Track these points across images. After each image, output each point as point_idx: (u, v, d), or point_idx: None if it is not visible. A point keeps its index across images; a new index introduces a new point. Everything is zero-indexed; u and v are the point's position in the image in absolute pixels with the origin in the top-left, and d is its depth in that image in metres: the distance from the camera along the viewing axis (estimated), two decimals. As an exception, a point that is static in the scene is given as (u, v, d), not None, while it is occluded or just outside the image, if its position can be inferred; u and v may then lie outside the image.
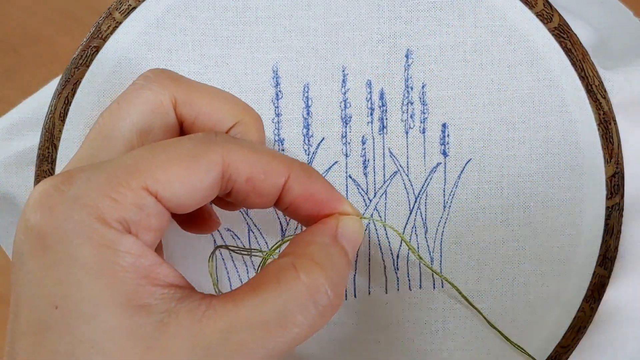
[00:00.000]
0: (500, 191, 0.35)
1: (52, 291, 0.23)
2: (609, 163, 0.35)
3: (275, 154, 0.27)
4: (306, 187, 0.27)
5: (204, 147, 0.25)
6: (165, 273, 0.24)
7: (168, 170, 0.24)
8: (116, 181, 0.24)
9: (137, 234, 0.24)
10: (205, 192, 0.25)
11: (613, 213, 0.35)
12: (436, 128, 0.36)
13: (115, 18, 0.36)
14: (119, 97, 0.29)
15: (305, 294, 0.25)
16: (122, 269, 0.23)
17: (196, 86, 0.30)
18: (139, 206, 0.24)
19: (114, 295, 0.23)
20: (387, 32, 0.36)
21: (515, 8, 0.35)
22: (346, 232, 0.28)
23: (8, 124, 0.40)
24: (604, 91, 0.35)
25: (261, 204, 0.28)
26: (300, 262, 0.25)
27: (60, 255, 0.23)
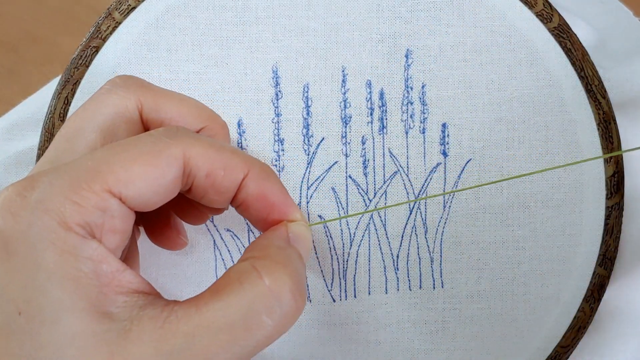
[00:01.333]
0: (500, 191, 0.35)
1: (15, 296, 0.23)
2: (609, 163, 0.35)
3: (235, 151, 0.27)
4: (261, 188, 0.28)
5: (165, 143, 0.25)
6: (128, 279, 0.24)
7: (129, 169, 0.24)
8: (78, 184, 0.24)
9: (101, 237, 0.24)
10: (167, 187, 0.25)
11: (613, 213, 0.35)
12: (436, 128, 0.36)
13: (115, 18, 0.36)
14: (86, 102, 0.29)
15: (269, 294, 0.25)
16: (84, 275, 0.23)
17: (163, 92, 0.30)
18: (102, 209, 0.24)
19: (77, 301, 0.23)
20: (387, 32, 0.36)
21: (515, 8, 0.35)
22: (296, 236, 0.28)
23: (8, 124, 0.40)
24: (603, 91, 0.35)
25: (219, 202, 0.28)
26: (261, 264, 0.25)
27: (24, 260, 0.23)
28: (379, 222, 0.36)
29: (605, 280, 0.36)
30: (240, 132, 0.36)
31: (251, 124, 0.36)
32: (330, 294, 0.36)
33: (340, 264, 0.36)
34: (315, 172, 0.36)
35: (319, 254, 0.36)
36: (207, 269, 0.36)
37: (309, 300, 0.36)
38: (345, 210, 0.36)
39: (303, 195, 0.36)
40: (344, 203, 0.36)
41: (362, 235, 0.36)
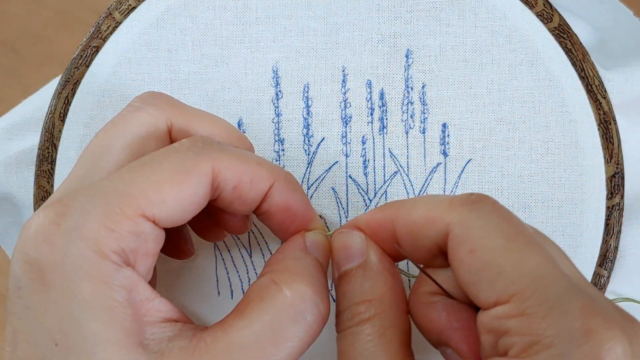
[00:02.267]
0: (501, 191, 0.35)
1: (52, 327, 0.23)
2: (609, 163, 0.35)
3: (262, 162, 0.27)
4: (286, 198, 0.27)
5: (194, 159, 0.25)
6: (157, 308, 0.24)
7: (161, 190, 0.24)
8: (112, 210, 0.23)
9: (135, 263, 0.24)
10: (198, 203, 0.25)
11: (613, 213, 0.35)
12: (436, 128, 0.36)
13: (115, 18, 0.36)
14: (115, 117, 0.29)
15: (292, 306, 0.25)
16: (118, 305, 0.23)
17: (193, 112, 0.29)
18: (137, 234, 0.24)
19: (111, 333, 0.23)
20: (387, 32, 0.36)
21: (515, 8, 0.35)
22: (314, 244, 0.28)
23: (8, 124, 0.40)
24: (604, 91, 0.35)
25: (243, 211, 0.28)
26: (279, 277, 0.25)
27: (60, 291, 0.23)
28: (379, 222, 0.36)
29: (605, 280, 0.36)
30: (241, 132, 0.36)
31: (251, 124, 0.36)
32: (331, 294, 0.36)
33: (340, 264, 0.36)
34: (315, 172, 0.36)
35: (319, 254, 0.36)
36: (207, 269, 0.36)
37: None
38: (345, 210, 0.36)
39: (303, 195, 0.36)
40: (344, 203, 0.36)
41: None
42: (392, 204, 0.27)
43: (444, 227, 0.25)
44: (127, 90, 0.36)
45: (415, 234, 0.26)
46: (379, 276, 0.27)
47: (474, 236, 0.24)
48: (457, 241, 0.24)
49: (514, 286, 0.22)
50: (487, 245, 0.23)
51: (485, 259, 0.23)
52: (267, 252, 0.36)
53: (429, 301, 0.26)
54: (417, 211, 0.26)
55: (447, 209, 0.25)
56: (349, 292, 0.27)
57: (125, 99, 0.36)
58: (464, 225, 0.24)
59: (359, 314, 0.26)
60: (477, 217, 0.24)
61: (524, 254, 0.23)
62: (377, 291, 0.26)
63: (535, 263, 0.23)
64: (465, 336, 0.25)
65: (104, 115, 0.36)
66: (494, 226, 0.24)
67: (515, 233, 0.24)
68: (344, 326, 0.26)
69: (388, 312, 0.26)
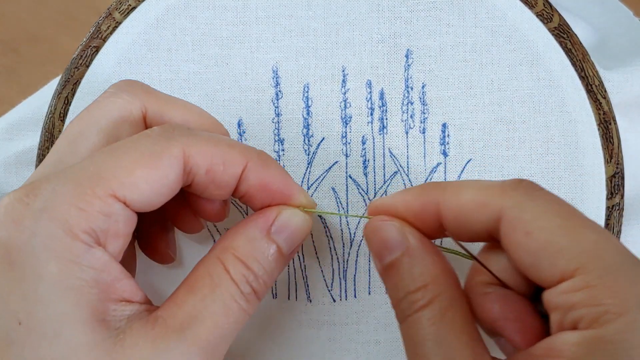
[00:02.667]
0: (501, 191, 0.35)
1: (16, 307, 0.23)
2: (609, 163, 0.35)
3: (233, 144, 0.27)
4: (262, 177, 0.28)
5: (165, 143, 0.25)
6: (124, 288, 0.25)
7: (133, 173, 0.24)
8: (82, 190, 0.24)
9: (106, 243, 0.24)
10: (169, 187, 0.26)
11: (613, 213, 0.35)
12: (436, 128, 0.36)
13: (115, 18, 0.36)
14: (90, 104, 0.29)
15: (234, 286, 0.26)
16: (85, 285, 0.23)
17: (167, 98, 0.30)
18: (107, 214, 0.24)
19: (78, 312, 0.23)
20: (387, 32, 0.36)
21: (515, 8, 0.35)
22: (283, 226, 0.28)
23: (8, 124, 0.40)
24: (604, 91, 0.35)
25: (219, 195, 0.28)
26: (224, 257, 0.26)
27: (27, 270, 0.23)
28: (379, 222, 0.36)
29: (605, 280, 0.36)
30: (240, 132, 0.36)
31: (251, 123, 0.36)
32: (331, 294, 0.36)
33: (340, 264, 0.36)
34: (315, 172, 0.36)
35: (319, 255, 0.36)
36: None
37: (309, 300, 0.36)
38: (345, 210, 0.36)
39: (303, 195, 0.36)
40: (344, 203, 0.36)
41: (363, 236, 0.36)
42: (434, 185, 0.27)
43: (496, 212, 0.25)
44: (127, 90, 0.36)
45: (464, 217, 0.26)
46: (426, 260, 0.27)
47: (529, 219, 0.24)
48: (512, 225, 0.25)
49: (576, 261, 0.23)
50: (544, 227, 0.24)
51: (544, 239, 0.24)
52: (267, 252, 0.36)
53: (484, 292, 0.27)
54: (466, 195, 0.26)
55: (499, 193, 0.25)
56: (399, 282, 0.26)
57: (125, 99, 0.36)
58: (518, 208, 0.25)
59: (416, 302, 0.26)
60: (530, 200, 0.25)
61: (580, 230, 0.24)
62: (429, 275, 0.26)
63: (593, 238, 0.23)
64: (518, 327, 0.26)
65: (104, 115, 0.36)
66: (547, 208, 0.24)
67: (568, 213, 0.24)
68: (404, 315, 0.26)
69: (444, 293, 0.26)
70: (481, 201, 0.25)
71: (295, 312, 0.36)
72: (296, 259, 0.36)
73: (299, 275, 0.36)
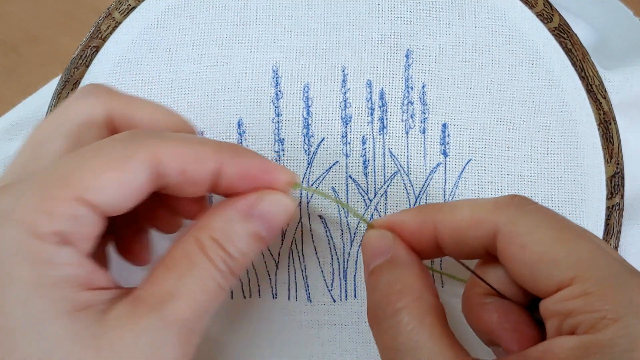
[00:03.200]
0: (501, 191, 0.35)
1: None
2: (609, 163, 0.35)
3: (203, 141, 0.27)
4: (239, 167, 0.27)
5: (132, 147, 0.25)
6: (100, 279, 0.25)
7: (99, 177, 0.24)
8: (48, 194, 0.24)
9: (74, 244, 0.24)
10: (139, 191, 0.25)
11: (613, 213, 0.35)
12: (436, 128, 0.36)
13: (115, 18, 0.36)
14: (56, 109, 0.29)
15: (210, 264, 0.26)
16: (62, 281, 0.23)
17: (133, 99, 0.30)
18: (74, 217, 0.24)
19: (56, 306, 0.23)
20: (387, 32, 0.36)
21: (515, 8, 0.35)
22: (264, 211, 0.28)
23: (8, 124, 0.40)
24: (604, 91, 0.35)
25: (197, 192, 0.28)
26: (201, 236, 0.26)
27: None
28: (379, 222, 0.36)
29: (605, 280, 0.36)
30: (240, 132, 0.36)
31: (251, 123, 0.36)
32: (331, 294, 0.36)
33: (340, 264, 0.36)
34: (315, 172, 0.36)
35: (319, 254, 0.36)
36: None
37: (309, 300, 0.36)
38: (345, 210, 0.36)
39: (303, 195, 0.36)
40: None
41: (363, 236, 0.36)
42: (430, 207, 0.28)
43: (491, 228, 0.26)
44: (127, 90, 0.36)
45: (460, 235, 0.27)
46: (408, 269, 0.27)
47: (524, 233, 0.25)
48: (507, 239, 0.25)
49: (572, 270, 0.24)
50: (538, 239, 0.25)
51: (539, 251, 0.24)
52: (267, 252, 0.36)
53: (481, 302, 0.27)
54: (461, 214, 0.27)
55: (493, 210, 0.26)
56: (379, 284, 0.27)
57: (125, 99, 0.36)
58: (512, 223, 0.25)
59: (392, 304, 0.26)
60: (524, 214, 0.26)
61: (575, 240, 0.24)
62: (408, 279, 0.27)
63: (588, 247, 0.24)
64: (516, 336, 0.26)
65: (104, 115, 0.36)
66: (541, 221, 0.25)
67: (562, 225, 0.25)
68: (379, 319, 0.26)
69: (423, 299, 0.26)
70: (476, 219, 0.26)
71: (295, 312, 0.36)
72: (296, 259, 0.36)
73: (299, 275, 0.36)
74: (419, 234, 0.28)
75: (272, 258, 0.36)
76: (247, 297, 0.36)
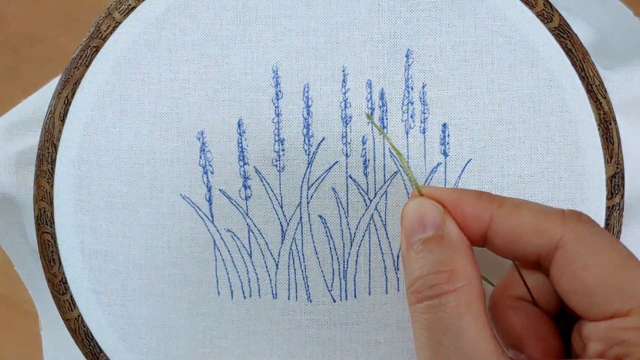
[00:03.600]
0: (501, 191, 0.35)
1: None
2: (610, 163, 0.35)
3: None
4: None
5: None
6: None
7: None
8: None
9: None
10: None
11: (613, 213, 0.35)
12: (436, 128, 0.36)
13: (115, 18, 0.36)
14: None
15: None
16: None
17: None
18: None
19: None
20: (387, 32, 0.36)
21: (515, 8, 0.35)
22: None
23: (8, 124, 0.40)
24: (604, 91, 0.35)
25: None
26: None
27: None
28: (379, 223, 0.36)
29: (605, 280, 0.36)
30: (241, 132, 0.36)
31: (251, 124, 0.36)
32: (331, 294, 0.36)
33: (340, 264, 0.36)
34: (315, 172, 0.36)
35: (319, 254, 0.36)
36: (206, 269, 0.36)
37: (309, 300, 0.36)
38: (345, 210, 0.36)
39: (303, 195, 0.36)
40: (344, 203, 0.36)
41: (363, 236, 0.36)
42: (491, 197, 0.27)
43: (554, 240, 0.25)
44: (127, 90, 0.36)
45: (516, 237, 0.26)
46: (459, 248, 0.26)
47: (589, 253, 0.25)
48: (570, 256, 0.25)
49: (632, 302, 0.24)
50: (603, 263, 0.24)
51: (602, 275, 0.24)
52: (267, 252, 0.36)
53: (513, 305, 0.27)
54: (524, 216, 0.26)
55: (560, 222, 0.26)
56: (427, 260, 0.26)
57: (125, 99, 0.36)
58: (579, 242, 0.25)
59: (441, 284, 0.25)
60: (591, 235, 0.25)
61: (638, 273, 0.24)
62: (460, 262, 0.26)
63: None
64: (541, 345, 0.26)
65: (104, 115, 0.36)
66: (607, 246, 0.25)
67: (626, 254, 0.25)
68: (422, 296, 0.26)
69: (472, 284, 0.25)
70: (540, 226, 0.26)
71: (295, 312, 0.36)
72: (296, 259, 0.36)
73: (299, 275, 0.36)
74: (470, 220, 0.27)
75: (272, 258, 0.36)
76: (247, 297, 0.36)
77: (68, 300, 0.36)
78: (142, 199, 0.36)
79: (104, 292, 0.36)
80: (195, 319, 0.36)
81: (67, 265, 0.36)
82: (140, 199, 0.36)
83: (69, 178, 0.36)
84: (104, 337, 0.36)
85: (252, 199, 0.36)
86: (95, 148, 0.36)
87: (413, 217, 0.27)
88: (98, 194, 0.36)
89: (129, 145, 0.36)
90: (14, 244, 0.41)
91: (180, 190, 0.36)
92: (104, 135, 0.36)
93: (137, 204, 0.36)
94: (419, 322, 0.26)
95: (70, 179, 0.36)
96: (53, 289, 0.36)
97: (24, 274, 0.42)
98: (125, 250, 0.36)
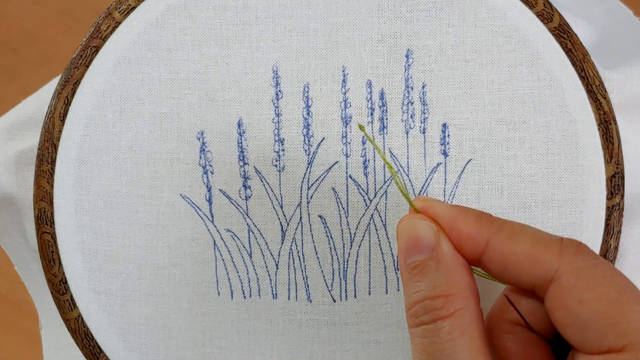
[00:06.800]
0: (501, 191, 0.35)
1: None
2: (610, 163, 0.35)
3: None
4: None
5: None
6: None
7: None
8: None
9: None
10: None
11: (613, 213, 0.35)
12: (436, 128, 0.36)
13: (115, 18, 0.36)
14: None
15: None
16: None
17: None
18: None
19: None
20: (387, 31, 0.36)
21: (515, 8, 0.35)
22: None
23: (8, 124, 0.40)
24: (604, 91, 0.35)
25: None
26: None
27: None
28: (379, 223, 0.36)
29: (605, 280, 0.36)
30: (241, 132, 0.36)
31: (251, 124, 0.36)
32: (331, 294, 0.36)
33: (340, 264, 0.36)
34: (315, 172, 0.36)
35: (319, 255, 0.36)
36: (207, 269, 0.36)
37: (309, 300, 0.36)
38: (345, 210, 0.36)
39: (303, 195, 0.36)
40: (344, 203, 0.36)
41: (363, 236, 0.36)
42: (489, 221, 0.27)
43: (550, 272, 0.25)
44: (127, 90, 0.36)
45: (512, 264, 0.26)
46: (454, 270, 0.26)
47: (584, 287, 0.24)
48: (565, 290, 0.25)
49: (627, 338, 0.23)
50: (599, 298, 0.24)
51: (597, 310, 0.24)
52: (267, 252, 0.36)
53: (508, 330, 0.27)
54: (522, 244, 0.26)
55: (556, 253, 0.25)
56: (422, 284, 0.26)
57: (125, 99, 0.36)
58: (576, 275, 0.25)
59: (436, 310, 0.25)
60: (588, 269, 0.25)
61: (634, 308, 0.24)
62: (454, 285, 0.26)
63: None
64: None
65: (104, 115, 0.36)
66: (604, 280, 0.24)
67: (623, 287, 0.25)
68: (418, 321, 0.26)
69: (468, 308, 0.25)
70: (536, 257, 0.25)
71: (295, 312, 0.36)
72: (296, 259, 0.36)
73: (299, 275, 0.36)
74: (466, 241, 0.27)
75: (272, 258, 0.36)
76: (247, 297, 0.36)
77: (68, 300, 0.36)
78: (142, 199, 0.36)
79: (104, 292, 0.36)
80: (195, 319, 0.36)
81: (67, 265, 0.36)
82: (140, 199, 0.36)
83: (69, 178, 0.36)
84: (104, 337, 0.36)
85: (252, 199, 0.36)
86: (95, 148, 0.36)
87: (408, 237, 0.27)
88: (98, 194, 0.36)
89: (129, 145, 0.36)
90: (14, 244, 0.41)
91: (180, 190, 0.36)
92: (104, 135, 0.36)
93: (137, 204, 0.36)
94: (416, 344, 0.26)
95: (70, 179, 0.36)
96: (53, 289, 0.36)
97: (24, 274, 0.42)
98: (125, 250, 0.36)
